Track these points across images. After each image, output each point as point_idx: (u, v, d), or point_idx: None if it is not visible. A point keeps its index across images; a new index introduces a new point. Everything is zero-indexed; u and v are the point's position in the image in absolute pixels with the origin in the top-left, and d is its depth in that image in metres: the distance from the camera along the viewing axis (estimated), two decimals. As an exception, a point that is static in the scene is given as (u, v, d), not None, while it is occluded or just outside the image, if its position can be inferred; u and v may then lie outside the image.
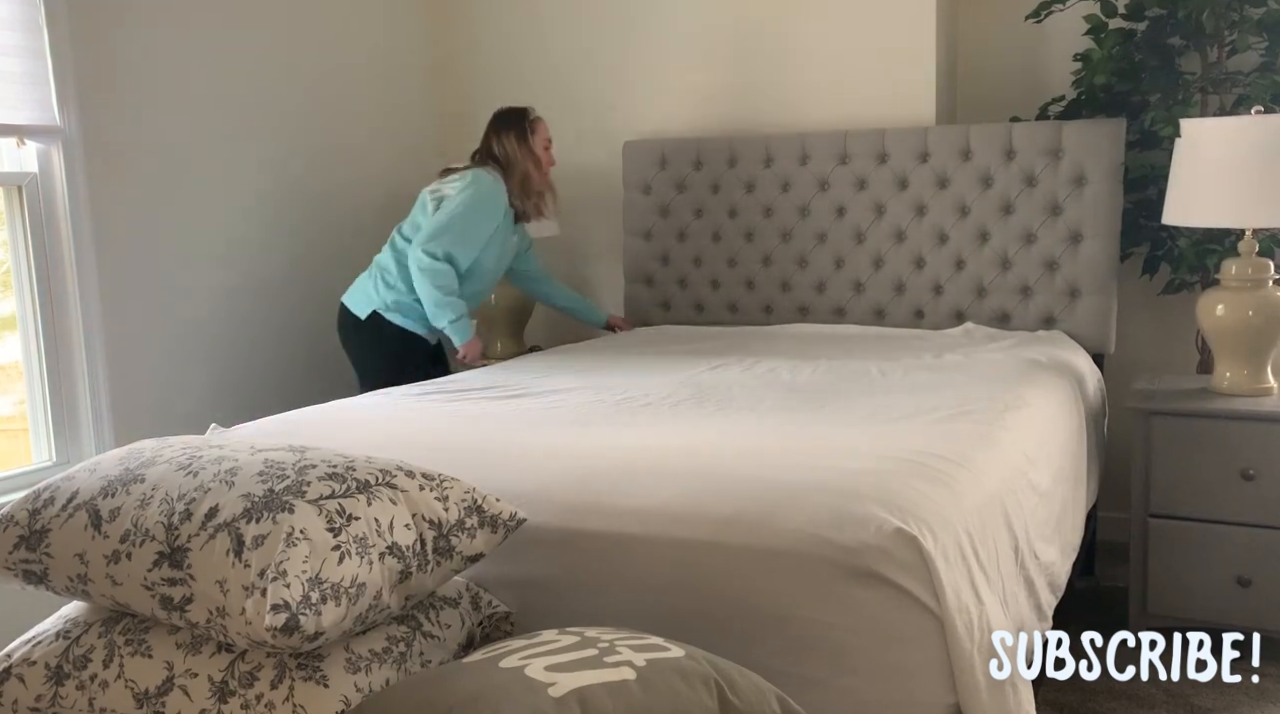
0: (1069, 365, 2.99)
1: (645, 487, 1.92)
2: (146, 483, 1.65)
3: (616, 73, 4.02)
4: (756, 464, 2.00)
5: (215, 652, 1.56)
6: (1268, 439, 2.72)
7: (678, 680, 1.36)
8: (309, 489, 1.57)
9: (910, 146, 3.52)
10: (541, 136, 3.46)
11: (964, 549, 1.81)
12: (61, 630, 1.69)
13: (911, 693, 1.69)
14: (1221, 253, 3.04)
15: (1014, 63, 3.66)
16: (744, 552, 1.76)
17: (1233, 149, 2.68)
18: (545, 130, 3.48)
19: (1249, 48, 3.10)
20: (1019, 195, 3.40)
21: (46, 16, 2.87)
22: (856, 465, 1.96)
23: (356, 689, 1.51)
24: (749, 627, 1.74)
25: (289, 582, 1.45)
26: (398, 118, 4.10)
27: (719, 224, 3.83)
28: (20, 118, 2.85)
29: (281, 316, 3.62)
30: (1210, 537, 2.79)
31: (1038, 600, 2.17)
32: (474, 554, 1.68)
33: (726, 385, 2.76)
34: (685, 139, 3.87)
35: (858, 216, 3.61)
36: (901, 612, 1.69)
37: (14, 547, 1.69)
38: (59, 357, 2.99)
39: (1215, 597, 2.78)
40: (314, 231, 3.73)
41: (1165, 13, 3.17)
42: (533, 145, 3.43)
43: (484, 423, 2.46)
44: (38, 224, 2.94)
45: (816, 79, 3.72)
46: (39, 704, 1.64)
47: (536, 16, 4.12)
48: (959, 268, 3.50)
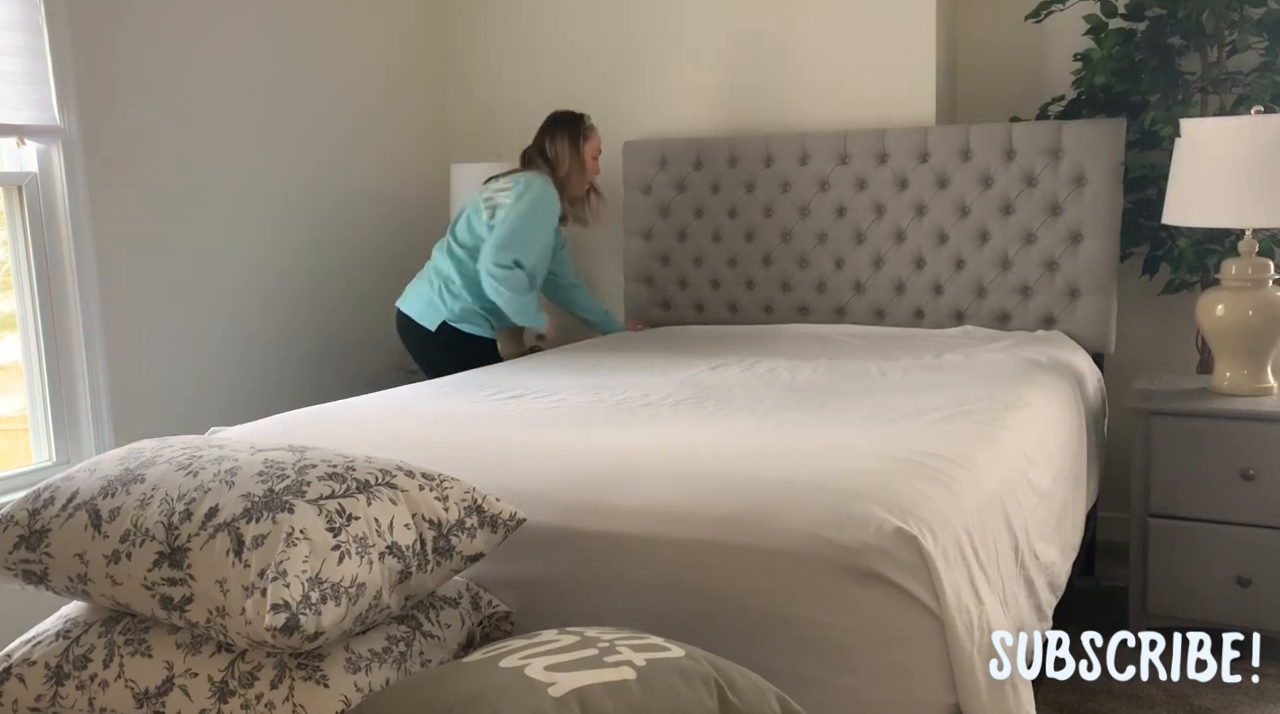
0: (1069, 365, 2.99)
1: (645, 487, 1.92)
2: (146, 483, 1.65)
3: (616, 73, 4.02)
4: (756, 464, 2.00)
5: (215, 652, 1.56)
6: (1268, 439, 2.72)
7: (678, 680, 1.36)
8: (309, 489, 1.57)
9: (910, 146, 3.52)
10: (593, 145, 3.54)
11: (964, 549, 1.81)
12: (61, 630, 1.69)
13: (911, 693, 1.69)
14: (1221, 253, 3.04)
15: (1014, 63, 3.66)
16: (744, 552, 1.76)
17: (1233, 149, 2.68)
18: (597, 140, 3.56)
19: (1249, 48, 3.10)
20: (1019, 195, 3.40)
21: (46, 16, 2.87)
22: (856, 465, 1.96)
23: (356, 689, 1.51)
24: (749, 627, 1.74)
25: (289, 581, 1.45)
26: (398, 117, 4.10)
27: (719, 224, 3.83)
28: (20, 118, 2.85)
29: (282, 316, 3.62)
30: (1210, 537, 2.79)
31: (1038, 600, 2.17)
32: (474, 554, 1.68)
33: (726, 385, 2.76)
34: (685, 139, 3.87)
35: (858, 216, 3.61)
36: (901, 611, 1.69)
37: (14, 547, 1.69)
38: (59, 356, 2.99)
39: (1215, 597, 2.78)
40: (314, 231, 3.73)
41: (1165, 13, 3.17)
42: (583, 152, 3.50)
43: (484, 423, 2.46)
44: (38, 224, 2.94)
45: (816, 79, 3.72)
46: (39, 704, 1.64)
47: (537, 16, 4.12)
48: (959, 268, 3.50)
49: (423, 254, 4.16)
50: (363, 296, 3.92)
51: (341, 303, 3.84)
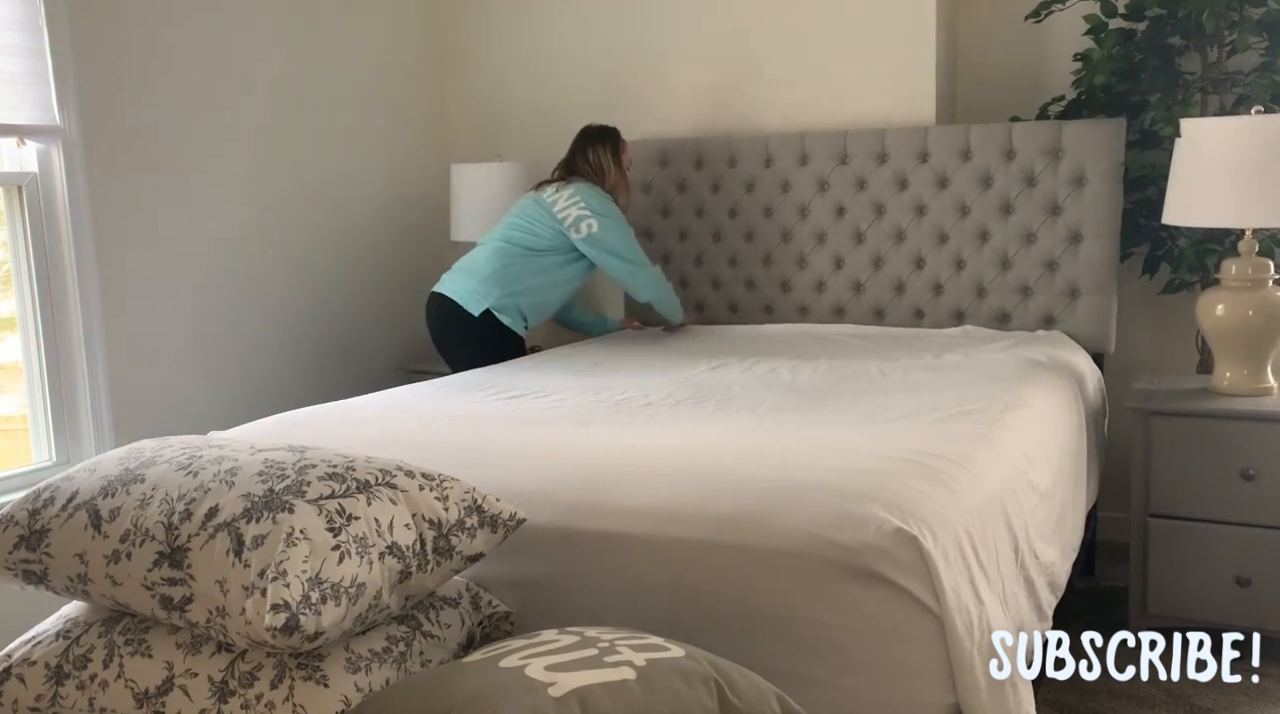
0: (1069, 365, 2.99)
1: (645, 487, 1.92)
2: (146, 483, 1.65)
3: (617, 73, 4.02)
4: (756, 464, 2.00)
5: (215, 652, 1.56)
6: (1268, 439, 2.72)
7: (678, 680, 1.36)
8: (309, 489, 1.56)
9: (910, 146, 3.52)
10: (628, 156, 3.64)
11: (964, 549, 1.81)
12: (61, 630, 1.69)
13: (912, 693, 1.69)
14: (1221, 253, 3.04)
15: (1014, 63, 3.66)
16: (744, 552, 1.76)
17: (1233, 149, 2.68)
18: (630, 153, 3.67)
19: (1249, 48, 3.10)
20: (1019, 195, 3.40)
21: (46, 16, 2.87)
22: (856, 465, 1.96)
23: (356, 689, 1.51)
24: (749, 626, 1.74)
25: (289, 582, 1.45)
26: (398, 118, 4.10)
27: (719, 224, 3.83)
28: (20, 118, 2.85)
29: (282, 316, 3.62)
30: (1210, 537, 2.78)
31: (1038, 600, 2.17)
32: (474, 554, 1.67)
33: (726, 385, 2.76)
34: (686, 139, 3.87)
35: (858, 216, 3.62)
36: (901, 611, 1.68)
37: (14, 547, 1.69)
38: (59, 356, 2.99)
39: (1215, 597, 2.78)
40: (314, 231, 3.73)
41: (1165, 13, 3.17)
42: (622, 163, 3.61)
43: (484, 423, 2.46)
44: (38, 224, 2.94)
45: (816, 79, 3.72)
46: (39, 704, 1.64)
47: (537, 16, 4.12)
48: (959, 268, 3.50)
49: (423, 254, 4.18)
50: (363, 297, 3.93)
51: (342, 303, 3.84)
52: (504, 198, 3.81)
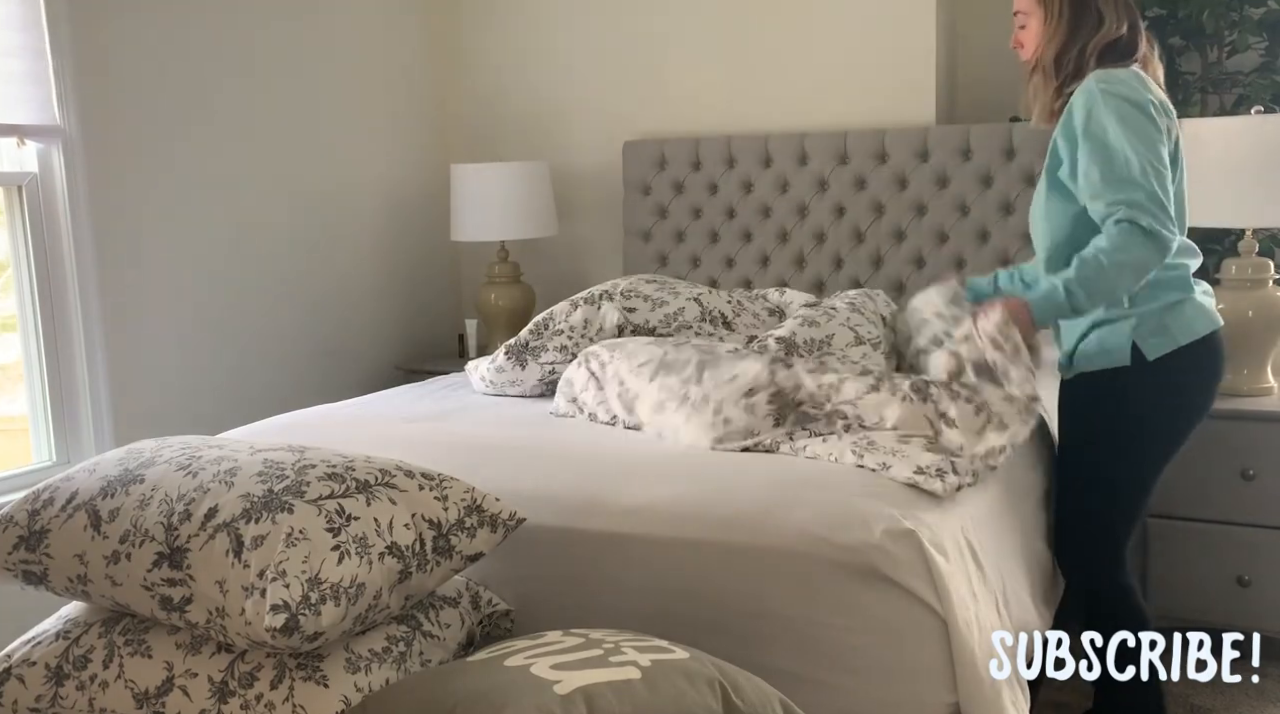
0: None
1: (645, 487, 1.92)
2: (146, 483, 1.65)
3: (616, 73, 4.01)
4: (757, 464, 2.00)
5: (215, 652, 1.56)
6: (1268, 439, 2.72)
7: (682, 681, 1.36)
8: (308, 489, 1.56)
9: (910, 146, 3.52)
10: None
11: (964, 548, 1.81)
12: (61, 630, 1.69)
13: (912, 692, 1.69)
14: (1221, 253, 3.04)
15: (1014, 63, 3.63)
16: (744, 551, 1.76)
17: (1233, 149, 2.68)
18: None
19: (1249, 48, 3.10)
20: (1019, 195, 3.40)
21: (47, 16, 2.87)
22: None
23: (356, 689, 1.51)
24: (750, 626, 1.74)
25: (288, 582, 1.44)
26: (399, 117, 4.10)
27: (717, 224, 3.83)
28: (20, 118, 2.85)
29: (282, 316, 3.61)
30: (1210, 537, 2.78)
31: (1038, 600, 2.17)
32: (474, 554, 1.67)
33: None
34: (684, 139, 3.87)
35: (857, 216, 3.61)
36: (902, 611, 1.69)
37: (14, 547, 1.69)
38: (59, 356, 2.99)
39: (1215, 597, 2.78)
40: (314, 232, 3.73)
41: (1165, 13, 3.17)
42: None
43: (484, 423, 2.46)
44: (38, 224, 2.93)
45: (816, 79, 3.72)
46: (39, 704, 1.64)
47: (537, 16, 4.12)
48: (959, 268, 3.49)
49: (423, 254, 4.17)
50: (363, 297, 3.92)
51: (342, 303, 3.84)
52: (503, 198, 3.80)
